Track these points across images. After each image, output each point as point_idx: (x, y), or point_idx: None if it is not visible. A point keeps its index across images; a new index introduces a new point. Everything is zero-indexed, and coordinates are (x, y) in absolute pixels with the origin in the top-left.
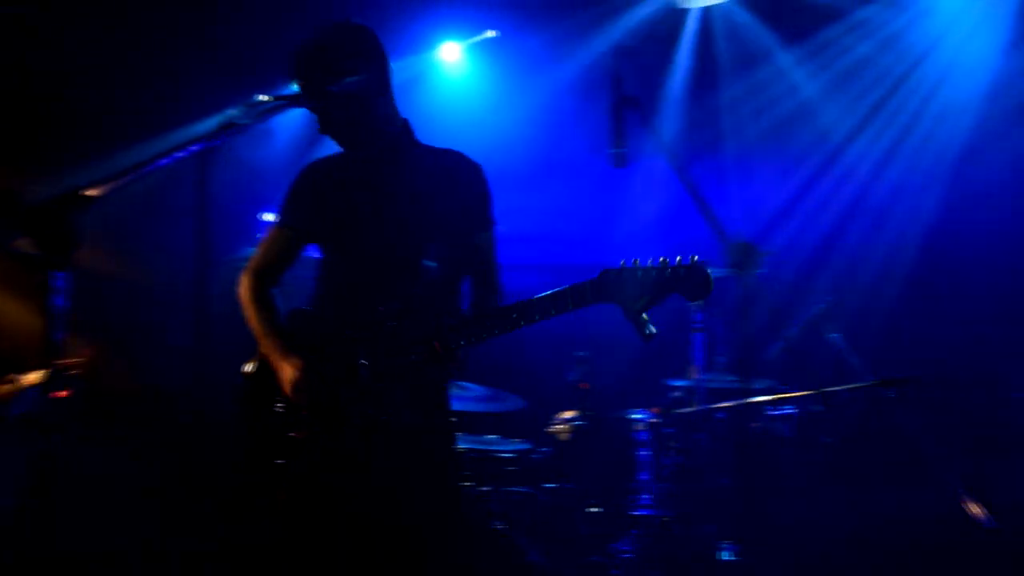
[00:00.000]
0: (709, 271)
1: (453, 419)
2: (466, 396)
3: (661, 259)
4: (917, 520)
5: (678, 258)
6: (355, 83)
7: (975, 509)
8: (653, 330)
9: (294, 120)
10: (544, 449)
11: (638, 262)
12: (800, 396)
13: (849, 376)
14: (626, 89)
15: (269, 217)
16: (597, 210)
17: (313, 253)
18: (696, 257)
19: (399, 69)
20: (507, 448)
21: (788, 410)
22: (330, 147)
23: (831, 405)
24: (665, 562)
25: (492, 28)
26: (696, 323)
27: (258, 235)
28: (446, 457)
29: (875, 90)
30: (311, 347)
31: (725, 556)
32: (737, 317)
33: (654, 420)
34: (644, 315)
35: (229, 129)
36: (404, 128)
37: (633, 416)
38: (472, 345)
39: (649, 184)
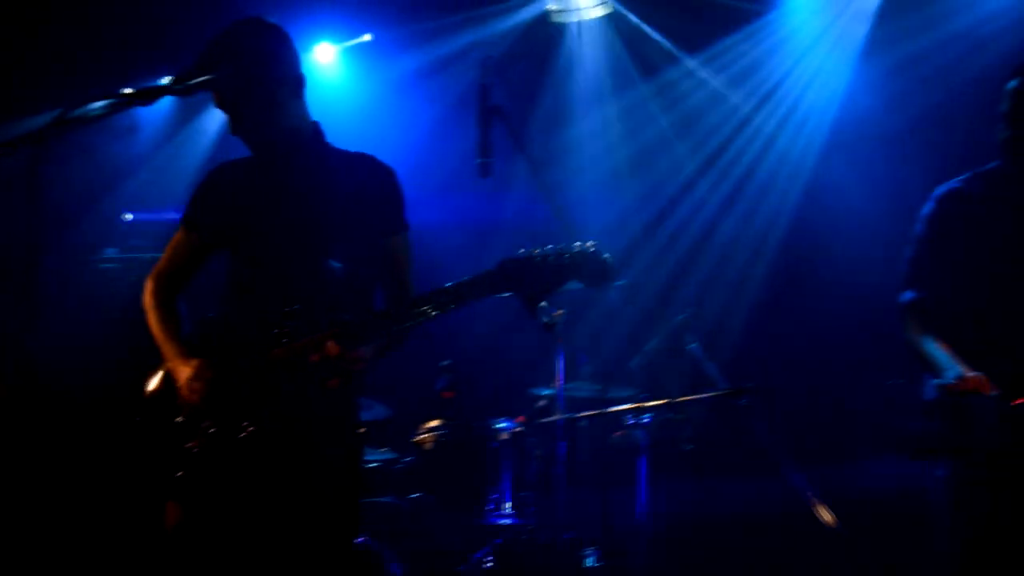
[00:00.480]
0: (607, 256)
1: (358, 428)
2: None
3: (560, 245)
4: (770, 524)
5: (577, 243)
6: (268, 82)
7: (823, 513)
8: (552, 319)
9: (158, 114)
10: (408, 459)
11: (536, 249)
12: (657, 405)
13: (707, 384)
14: (494, 99)
15: (130, 216)
16: (467, 217)
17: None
18: (593, 243)
19: None
20: (371, 457)
21: (647, 418)
22: (198, 143)
23: (688, 413)
24: (529, 570)
25: (368, 32)
26: (560, 333)
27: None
28: (345, 469)
29: (734, 115)
30: (216, 353)
31: (589, 563)
32: (599, 328)
33: (518, 429)
34: (543, 303)
35: (71, 123)
36: (314, 130)
37: (497, 425)
38: (372, 344)
39: (517, 194)
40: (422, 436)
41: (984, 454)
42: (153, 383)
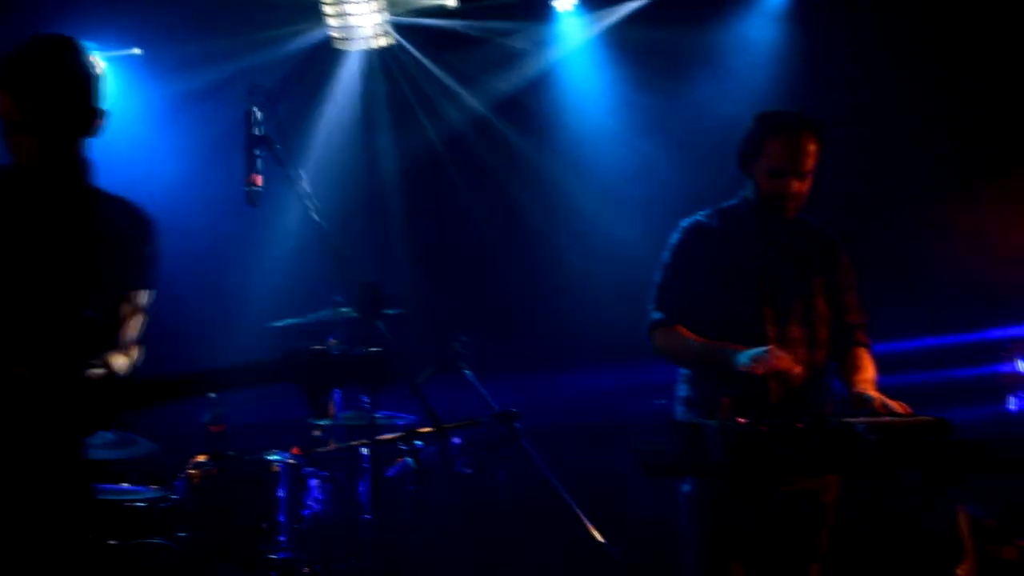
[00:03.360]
0: (390, 364)
1: (86, 478)
2: (92, 441)
3: (345, 347)
4: (546, 543)
5: (366, 349)
6: (88, 114)
7: (596, 535)
8: (331, 411)
9: None
10: (175, 496)
11: (322, 347)
12: (430, 431)
13: (480, 409)
14: (264, 127)
15: None
16: (235, 246)
17: None
18: (377, 349)
19: None
20: (137, 496)
21: (420, 445)
22: None
23: (463, 438)
24: None
25: (138, 46)
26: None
27: None
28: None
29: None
30: None
31: None
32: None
33: (292, 460)
34: (322, 398)
35: None
36: (86, 168)
37: (270, 457)
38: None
39: (289, 222)
40: (190, 471)
41: (713, 470)
42: None
